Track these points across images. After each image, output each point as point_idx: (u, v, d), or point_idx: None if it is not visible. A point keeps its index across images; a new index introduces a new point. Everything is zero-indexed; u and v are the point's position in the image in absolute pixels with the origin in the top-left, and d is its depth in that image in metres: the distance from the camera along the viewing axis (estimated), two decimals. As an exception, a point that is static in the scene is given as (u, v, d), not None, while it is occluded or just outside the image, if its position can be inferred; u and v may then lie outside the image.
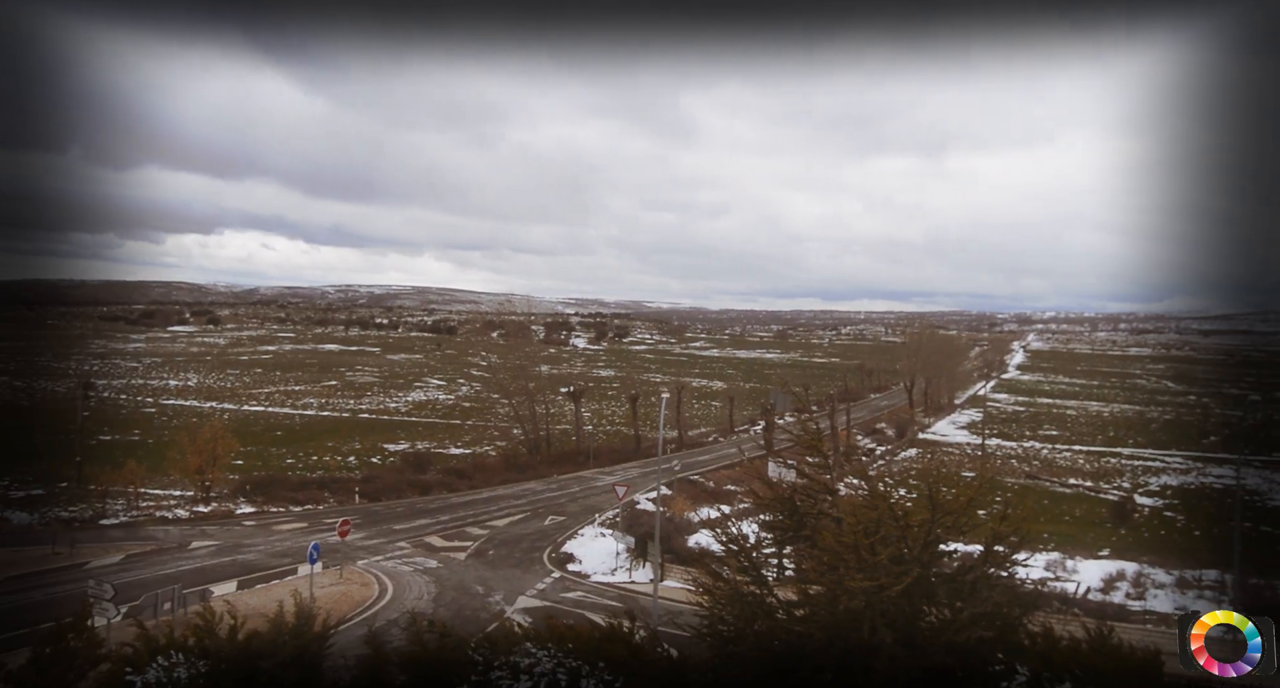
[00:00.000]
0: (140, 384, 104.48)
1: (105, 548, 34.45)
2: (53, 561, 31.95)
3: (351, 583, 30.75)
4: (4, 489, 45.33)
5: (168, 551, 34.80)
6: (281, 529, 39.65)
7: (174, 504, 43.83)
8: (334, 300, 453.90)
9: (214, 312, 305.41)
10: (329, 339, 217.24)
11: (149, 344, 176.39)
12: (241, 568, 32.13)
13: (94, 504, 41.93)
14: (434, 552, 36.29)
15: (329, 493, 47.97)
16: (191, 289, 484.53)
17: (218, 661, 12.29)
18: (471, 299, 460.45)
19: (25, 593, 27.56)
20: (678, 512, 43.05)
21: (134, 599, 24.74)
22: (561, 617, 16.10)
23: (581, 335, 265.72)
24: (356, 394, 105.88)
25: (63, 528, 36.64)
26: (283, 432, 72.77)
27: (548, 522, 43.50)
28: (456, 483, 53.15)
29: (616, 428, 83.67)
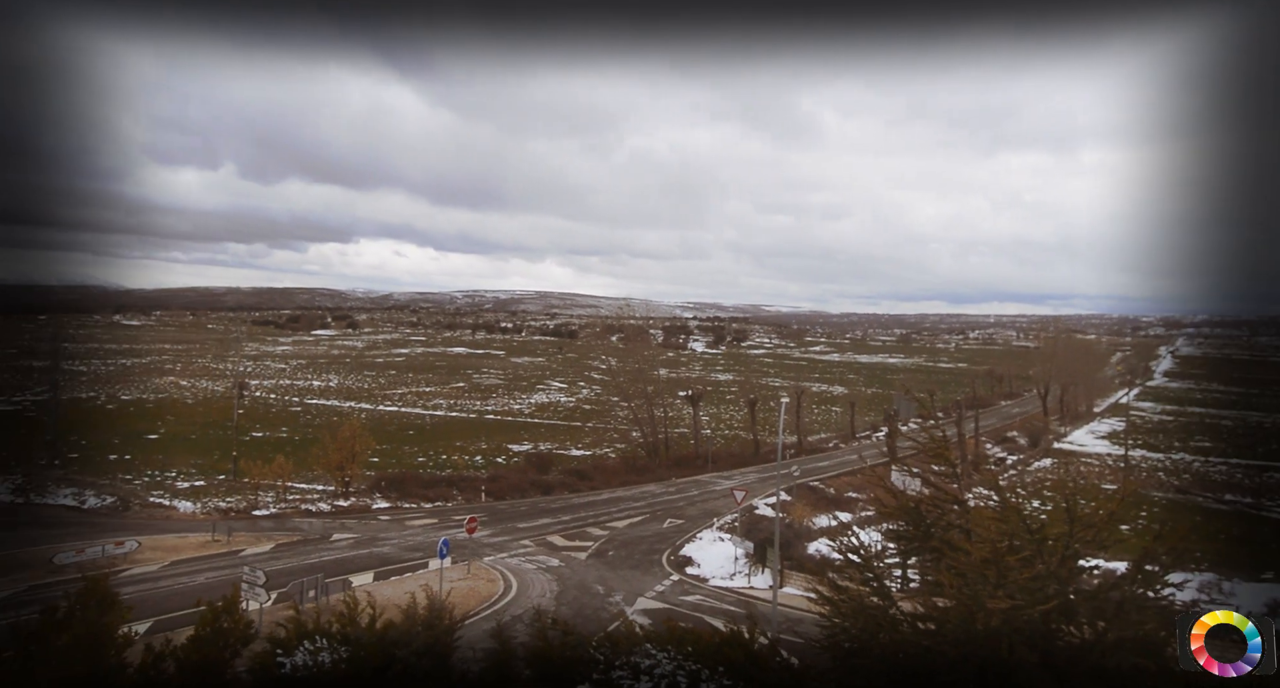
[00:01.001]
0: (288, 385, 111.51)
1: (257, 537, 36.99)
2: (212, 547, 34.58)
3: (478, 579, 31.86)
4: (172, 481, 49.40)
5: (311, 541, 37.03)
6: (413, 525, 41.49)
7: (317, 498, 46.56)
8: (462, 305, 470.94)
9: (352, 316, 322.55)
10: (457, 343, 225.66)
11: (295, 347, 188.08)
12: (377, 560, 33.82)
13: (247, 496, 45.10)
14: (556, 551, 37.15)
15: (457, 491, 49.84)
16: (332, 295, 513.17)
17: (358, 647, 13.02)
18: (591, 303, 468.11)
19: (190, 576, 29.95)
20: (797, 518, 42.46)
21: (283, 586, 26.47)
22: (680, 620, 16.21)
23: (699, 339, 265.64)
24: (483, 396, 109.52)
25: (221, 517, 39.60)
26: (414, 431, 76.07)
27: (666, 524, 43.75)
28: (577, 484, 54.20)
29: (734, 432, 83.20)
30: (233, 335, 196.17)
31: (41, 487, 44.21)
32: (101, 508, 41.78)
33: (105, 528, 37.28)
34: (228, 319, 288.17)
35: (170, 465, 53.58)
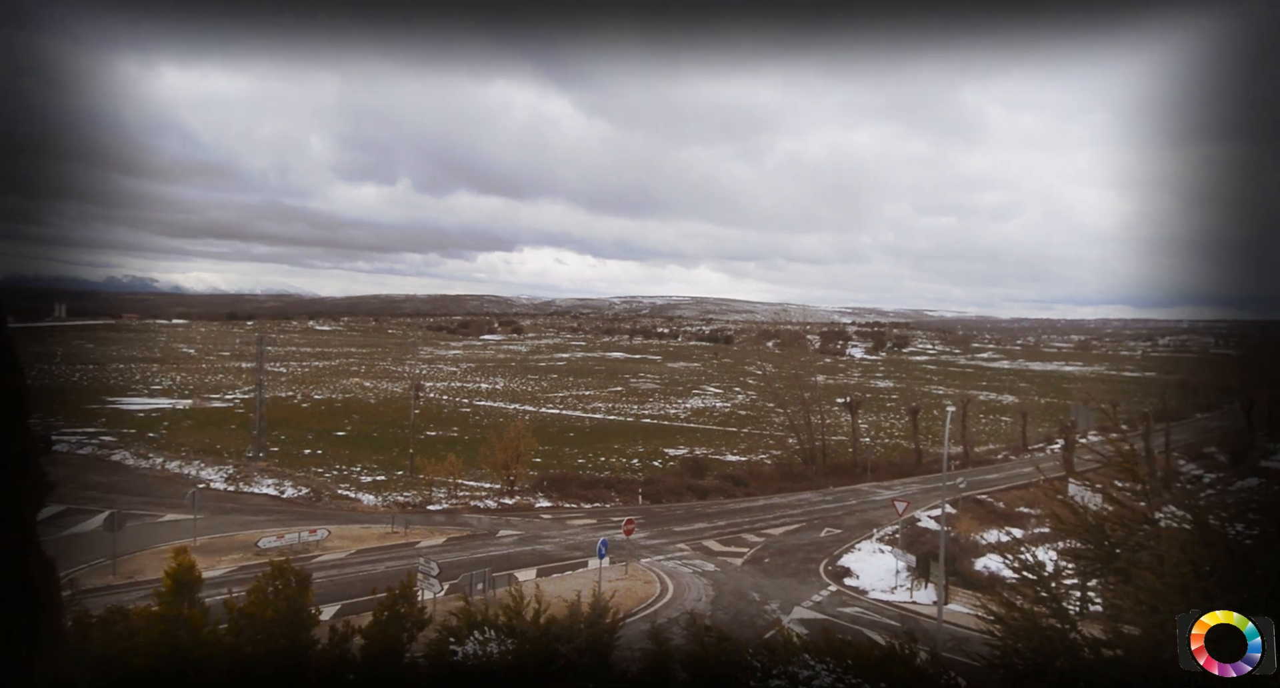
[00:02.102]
0: (458, 387, 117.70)
1: (431, 530, 39.30)
2: (392, 538, 37.05)
3: (635, 580, 32.44)
4: (357, 475, 53.35)
5: (480, 537, 38.94)
6: (574, 524, 42.77)
7: (484, 496, 48.90)
8: (620, 311, 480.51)
9: (517, 322, 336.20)
10: (615, 347, 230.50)
11: (465, 351, 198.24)
12: (540, 558, 35.12)
13: (422, 491, 48.01)
14: (711, 555, 37.24)
15: (615, 493, 50.94)
16: (499, 301, 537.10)
17: (523, 640, 13.59)
18: (747, 309, 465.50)
19: (372, 564, 32.25)
20: (963, 532, 40.52)
21: (454, 578, 27.99)
22: (839, 631, 15.90)
23: (858, 345, 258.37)
24: (639, 400, 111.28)
25: (399, 511, 42.38)
26: (574, 433, 78.35)
27: (823, 533, 42.90)
28: (733, 489, 54.07)
29: (895, 441, 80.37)
30: (409, 340, 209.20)
31: (249, 477, 48.94)
32: (298, 498, 45.70)
33: (301, 516, 40.76)
34: (405, 325, 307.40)
35: (355, 461, 57.86)
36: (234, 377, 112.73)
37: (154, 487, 45.71)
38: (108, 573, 28.97)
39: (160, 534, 34.87)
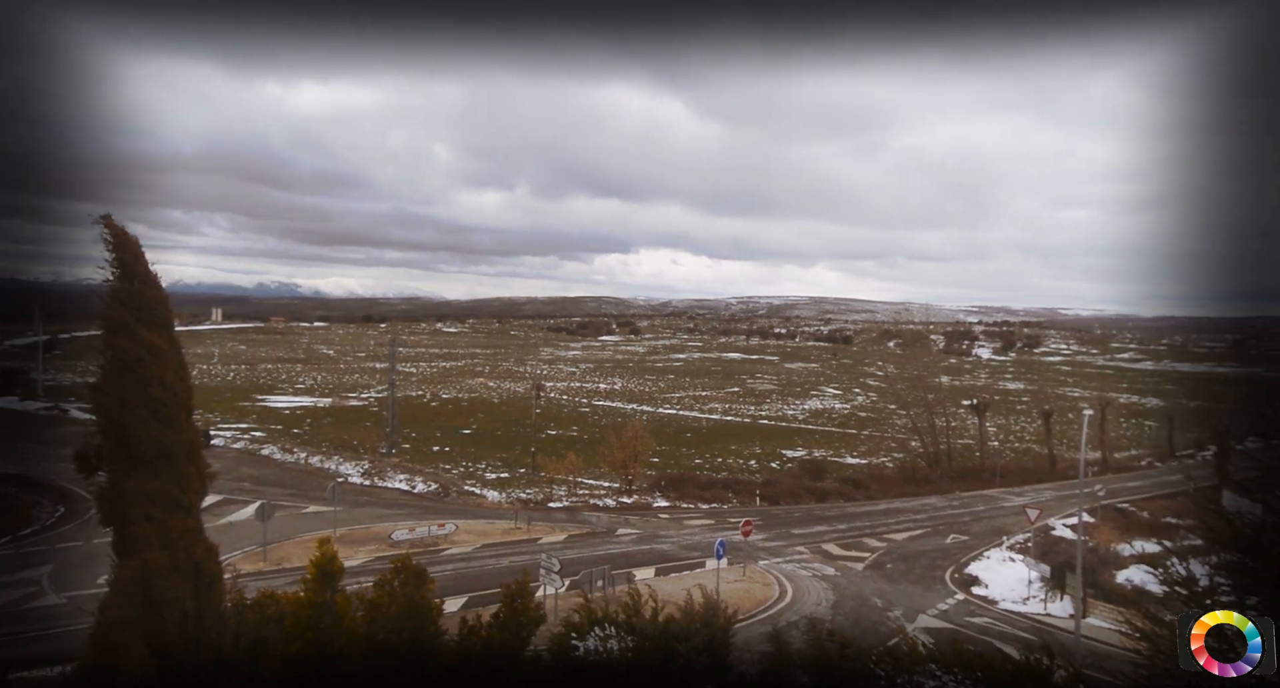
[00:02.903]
0: (577, 387, 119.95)
1: (552, 527, 40.26)
2: (515, 534, 38.18)
3: (753, 582, 32.24)
4: (482, 472, 55.23)
5: (599, 535, 39.60)
6: (691, 524, 42.88)
7: (604, 494, 49.67)
8: (736, 311, 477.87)
9: (634, 323, 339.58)
10: (732, 348, 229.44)
11: (584, 352, 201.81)
12: (658, 557, 35.40)
13: (544, 489, 49.22)
14: (831, 559, 36.59)
15: (732, 493, 50.75)
16: (616, 303, 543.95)
17: (642, 638, 13.77)
18: (867, 308, 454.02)
19: (496, 559, 33.33)
20: (1103, 542, 38.26)
21: (574, 574, 28.58)
22: (967, 642, 15.34)
23: (985, 345, 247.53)
24: (757, 401, 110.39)
25: (522, 507, 43.60)
26: (691, 434, 78.49)
27: (949, 540, 41.41)
28: (852, 492, 52.93)
29: (1026, 445, 76.68)
30: (531, 341, 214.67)
31: (383, 472, 51.48)
32: (427, 493, 47.72)
33: (430, 511, 42.55)
34: (527, 326, 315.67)
35: (480, 458, 59.89)
36: (369, 376, 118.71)
37: (298, 480, 48.72)
38: (258, 559, 31.07)
39: (304, 525, 37.12)
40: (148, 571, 10.12)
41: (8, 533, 35.05)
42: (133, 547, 10.27)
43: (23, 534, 35.28)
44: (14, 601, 26.55)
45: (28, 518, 37.84)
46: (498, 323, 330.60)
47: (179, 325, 11.52)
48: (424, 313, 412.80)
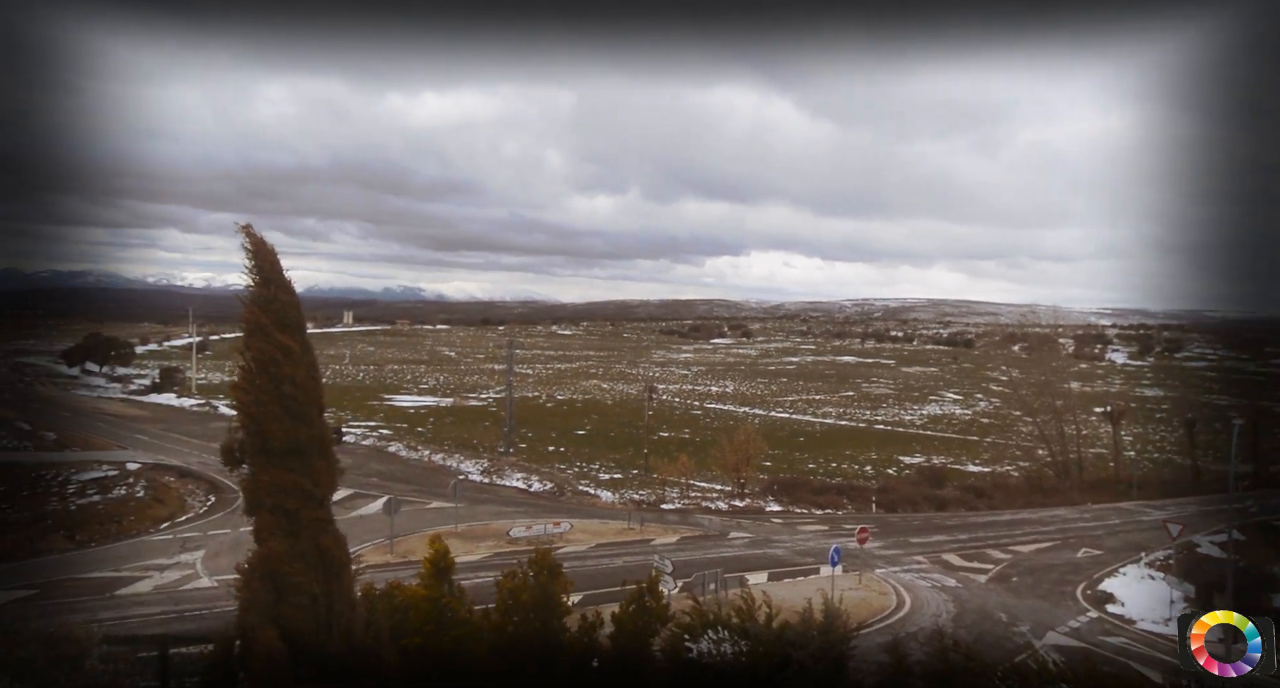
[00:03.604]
0: (689, 389, 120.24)
1: (664, 529, 40.56)
2: (628, 534, 38.67)
3: (870, 590, 31.58)
4: (596, 472, 56.20)
5: (711, 537, 39.63)
6: (804, 529, 42.34)
7: (716, 497, 49.66)
8: (850, 314, 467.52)
9: (746, 326, 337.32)
10: (846, 351, 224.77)
11: (696, 355, 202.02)
12: (771, 561, 35.14)
13: (656, 490, 49.65)
14: (952, 570, 35.41)
15: (847, 499, 49.81)
16: (728, 305, 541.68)
17: (756, 642, 13.78)
18: (989, 310, 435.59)
19: (610, 559, 33.87)
20: (1256, 562, 35.52)
21: (687, 576, 28.74)
22: (1102, 663, 14.62)
23: (1120, 349, 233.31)
24: (872, 405, 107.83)
25: (635, 508, 44.12)
26: (805, 438, 77.43)
27: (1080, 554, 39.38)
28: (974, 502, 51.06)
29: (1166, 456, 71.96)
30: (643, 344, 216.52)
31: (501, 470, 53.13)
32: (543, 492, 48.94)
33: (546, 509, 43.63)
34: (639, 329, 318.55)
35: (594, 458, 60.93)
36: (488, 377, 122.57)
37: (422, 476, 50.87)
38: (386, 552, 32.63)
39: (428, 520, 38.73)
40: (275, 557, 10.89)
41: (166, 520, 38.12)
42: (265, 535, 11.08)
43: (179, 521, 38.27)
44: (173, 582, 28.85)
45: (184, 506, 41.02)
46: (611, 326, 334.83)
47: (314, 328, 12.41)
48: (540, 316, 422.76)
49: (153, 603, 26.39)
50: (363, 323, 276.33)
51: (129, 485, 42.19)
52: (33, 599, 25.31)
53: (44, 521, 35.09)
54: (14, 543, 31.91)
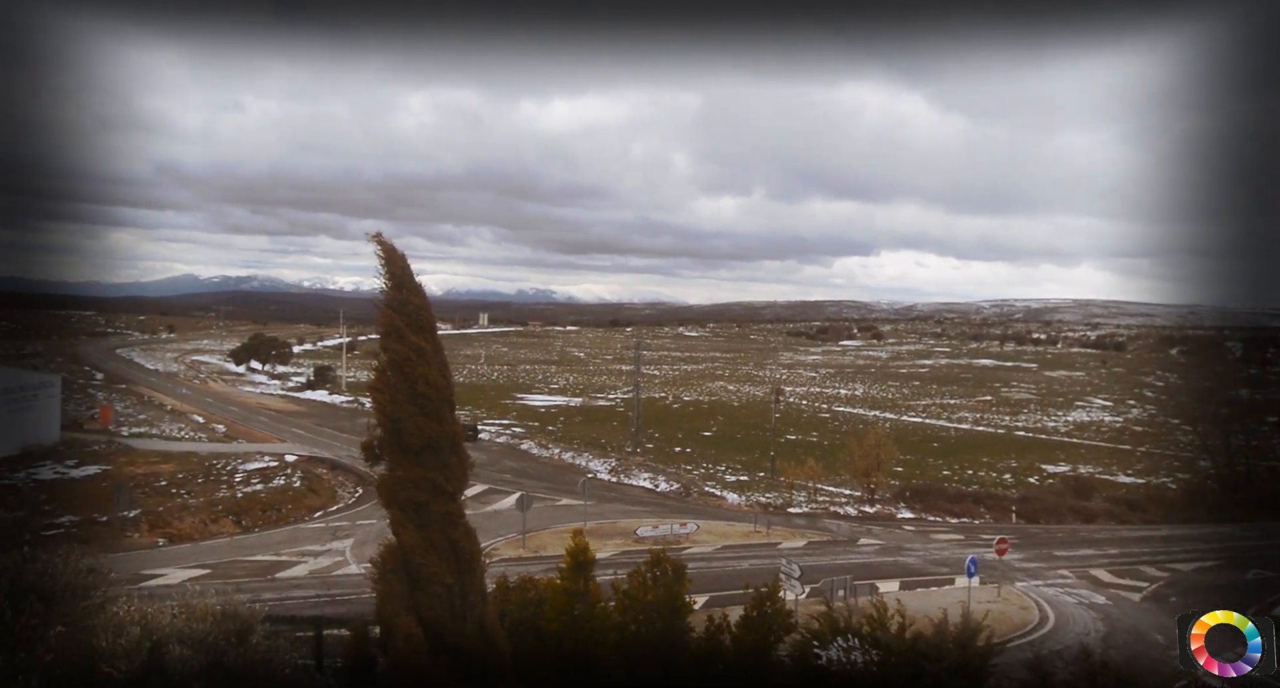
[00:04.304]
0: (817, 392, 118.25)
1: (791, 532, 40.10)
2: (754, 537, 38.46)
3: (1009, 604, 30.21)
4: (722, 474, 56.18)
5: (840, 543, 38.89)
6: (939, 538, 40.90)
7: (844, 502, 48.67)
8: (988, 315, 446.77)
9: (877, 327, 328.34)
10: (983, 354, 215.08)
11: (824, 357, 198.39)
12: (902, 570, 34.15)
13: (783, 494, 49.14)
14: (1101, 587, 33.37)
15: (984, 508, 47.78)
16: (857, 306, 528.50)
17: (888, 653, 13.48)
18: (1143, 312, 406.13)
19: (736, 561, 33.81)
20: None
21: (814, 582, 28.34)
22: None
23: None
24: (1012, 411, 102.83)
25: (761, 511, 43.83)
26: (939, 443, 74.71)
27: (1250, 575, 36.28)
28: (1126, 515, 47.94)
29: (1358, 471, 65.06)
30: (770, 346, 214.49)
31: (628, 470, 53.93)
32: (669, 492, 49.33)
33: (672, 510, 43.96)
34: (766, 330, 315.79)
35: (720, 460, 60.89)
36: (616, 378, 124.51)
37: (553, 474, 52.27)
38: (518, 546, 33.77)
39: (558, 516, 39.79)
40: (410, 549, 11.51)
41: (319, 509, 40.81)
42: (399, 527, 11.74)
43: (331, 511, 40.88)
44: (325, 567, 30.88)
45: (334, 496, 43.78)
46: (737, 327, 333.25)
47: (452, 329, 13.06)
48: (667, 317, 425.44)
49: (308, 586, 28.34)
50: (497, 324, 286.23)
51: (287, 476, 45.39)
52: (206, 578, 27.66)
53: (215, 506, 38.28)
54: (191, 526, 35.00)
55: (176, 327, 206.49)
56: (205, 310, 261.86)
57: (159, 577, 27.59)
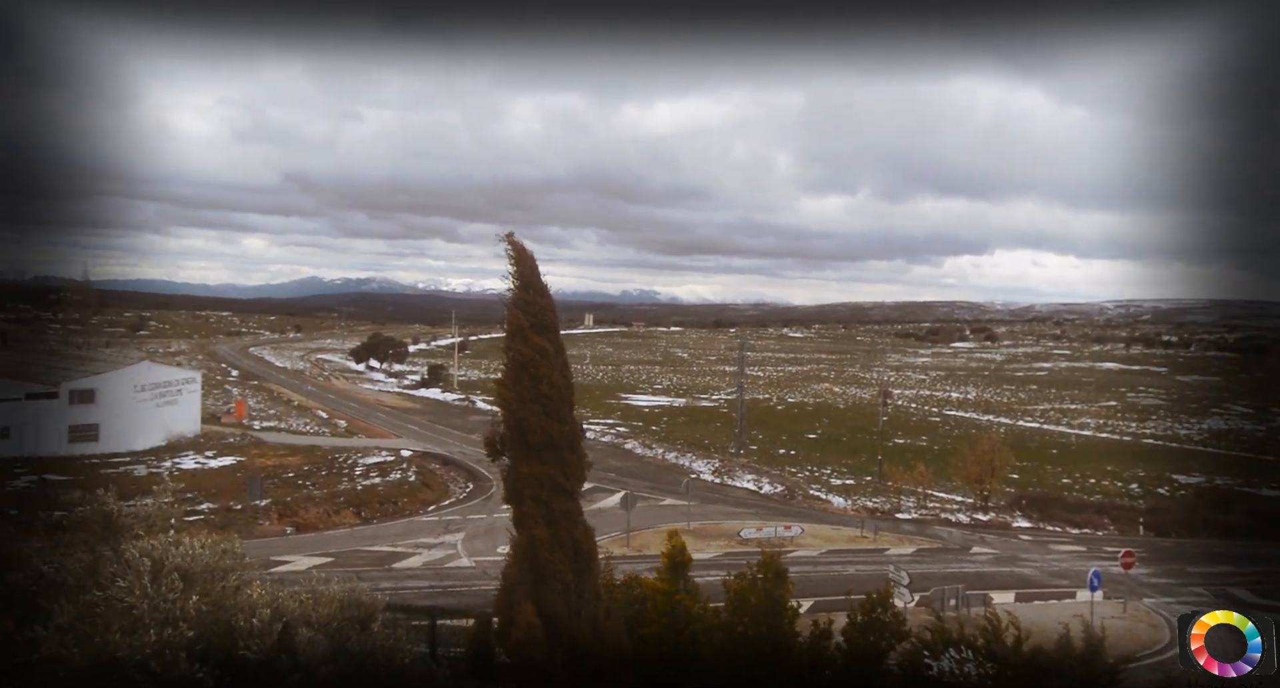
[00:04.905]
0: (926, 395, 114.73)
1: (900, 539, 39.10)
2: (860, 542, 37.70)
3: (1137, 621, 28.63)
4: (827, 477, 55.27)
5: (951, 551, 37.67)
6: (1058, 549, 39.10)
7: (955, 508, 47.09)
8: (1113, 316, 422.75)
9: (990, 329, 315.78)
10: (1107, 357, 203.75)
11: (934, 359, 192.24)
12: (1018, 581, 32.80)
13: (891, 499, 47.93)
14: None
15: (1108, 520, 45.41)
16: (970, 307, 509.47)
17: (1004, 666, 13.04)
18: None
19: (842, 566, 33.24)
20: None
21: (924, 590, 27.56)
22: None
23: None
24: (1139, 417, 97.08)
25: (868, 516, 42.89)
26: (1058, 450, 71.30)
27: None
28: (1269, 530, 44.50)
29: None
30: (877, 347, 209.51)
31: (731, 471, 53.73)
32: (773, 495, 48.88)
33: (776, 512, 43.56)
34: (873, 332, 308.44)
35: (826, 463, 59.89)
36: (719, 379, 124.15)
37: (656, 473, 52.60)
38: (623, 545, 34.15)
39: (661, 516, 40.03)
40: (535, 544, 11.82)
41: (433, 503, 42.35)
42: (524, 523, 12.06)
43: (444, 505, 42.38)
44: (438, 559, 32.06)
45: (447, 491, 45.36)
46: (843, 328, 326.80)
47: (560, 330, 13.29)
48: (771, 318, 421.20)
49: (422, 577, 29.50)
50: (602, 325, 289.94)
51: (403, 470, 47.32)
52: (329, 566, 29.16)
53: (338, 498, 40.26)
54: (315, 516, 36.93)
55: (303, 326, 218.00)
56: (328, 311, 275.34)
57: (287, 563, 29.23)
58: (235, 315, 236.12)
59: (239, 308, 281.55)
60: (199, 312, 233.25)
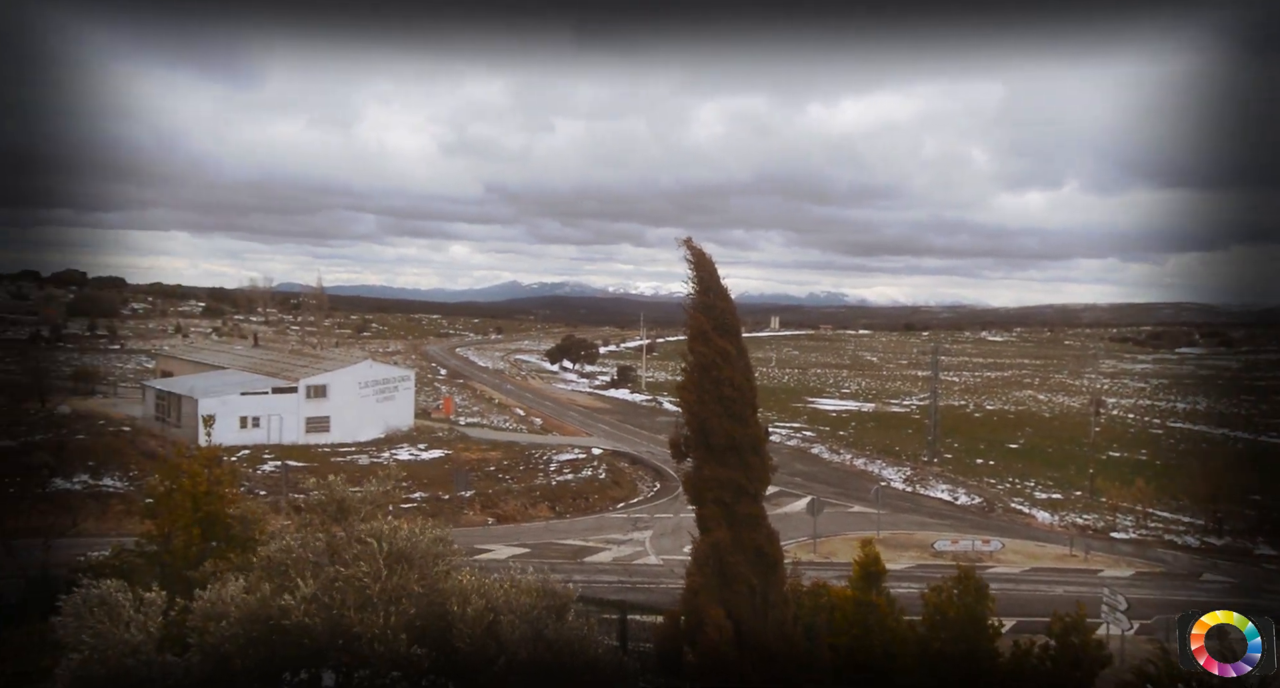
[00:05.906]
0: (1146, 405, 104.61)
1: (1115, 560, 36.01)
2: (1069, 561, 35.07)
3: None
4: (1031, 490, 51.76)
5: (1176, 577, 34.26)
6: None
7: (1182, 530, 42.72)
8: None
9: (1225, 333, 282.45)
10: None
11: (1156, 365, 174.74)
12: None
13: (1105, 516, 44.19)
14: None
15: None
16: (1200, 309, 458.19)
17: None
18: None
19: (1048, 585, 31.07)
20: None
21: (1145, 617, 25.27)
22: None
23: None
24: None
25: (1079, 533, 39.80)
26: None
27: None
28: None
29: None
30: (1089, 352, 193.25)
31: (924, 480, 51.56)
32: (970, 506, 46.45)
33: (973, 524, 41.36)
34: (1084, 336, 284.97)
35: (1029, 475, 56.06)
36: (910, 384, 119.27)
37: (843, 479, 51.42)
38: (809, 550, 33.71)
39: (849, 523, 39.12)
40: (718, 546, 11.99)
41: (621, 500, 43.71)
42: (707, 525, 12.26)
43: (632, 502, 43.62)
44: (627, 555, 33.07)
45: (635, 490, 46.65)
46: (1049, 332, 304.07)
47: (744, 333, 13.37)
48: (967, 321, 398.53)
49: (611, 572, 30.54)
50: (788, 328, 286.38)
51: (593, 468, 49.13)
52: (526, 557, 30.83)
53: (534, 492, 42.48)
54: (514, 509, 39.19)
55: (503, 329, 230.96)
56: (526, 314, 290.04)
57: (488, 552, 31.22)
58: (443, 318, 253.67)
59: (447, 311, 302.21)
60: (412, 315, 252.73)
